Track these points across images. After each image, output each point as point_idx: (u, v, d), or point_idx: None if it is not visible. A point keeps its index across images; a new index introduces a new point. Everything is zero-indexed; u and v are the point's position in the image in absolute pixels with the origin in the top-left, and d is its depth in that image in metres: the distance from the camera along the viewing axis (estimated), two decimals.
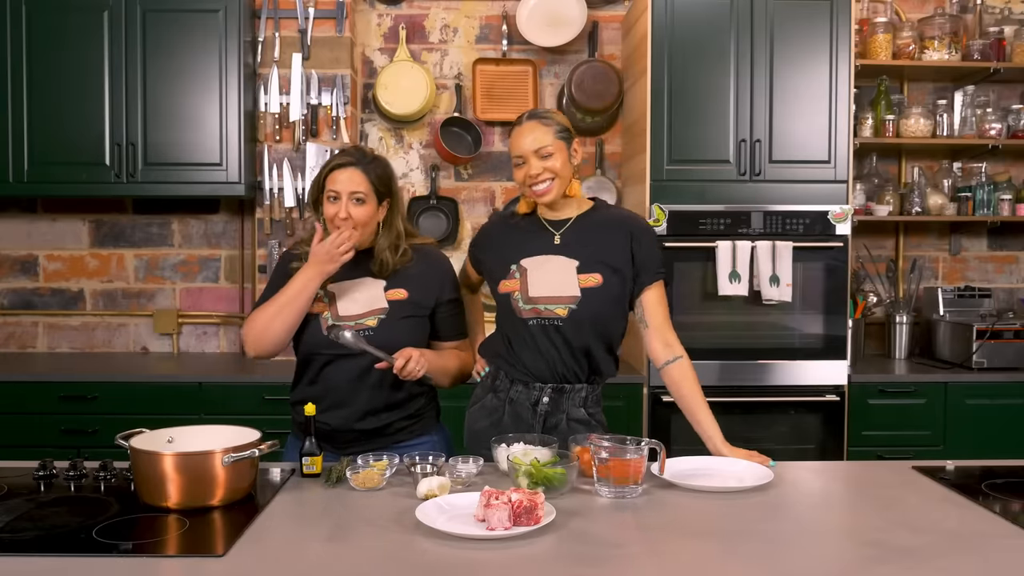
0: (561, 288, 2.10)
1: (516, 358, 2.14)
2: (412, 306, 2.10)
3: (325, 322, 2.07)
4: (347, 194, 2.04)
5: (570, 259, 2.12)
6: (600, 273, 2.11)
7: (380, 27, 3.93)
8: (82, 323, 3.94)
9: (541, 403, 2.13)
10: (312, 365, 2.11)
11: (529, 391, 2.14)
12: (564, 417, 2.13)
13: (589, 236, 2.14)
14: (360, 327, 2.05)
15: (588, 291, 2.09)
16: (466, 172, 3.96)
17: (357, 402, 2.07)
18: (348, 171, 2.05)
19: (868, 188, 3.83)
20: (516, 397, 2.15)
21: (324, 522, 1.64)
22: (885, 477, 1.97)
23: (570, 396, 2.13)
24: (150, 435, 1.81)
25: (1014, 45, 3.75)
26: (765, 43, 3.35)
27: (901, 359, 3.83)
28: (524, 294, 2.12)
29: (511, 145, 2.15)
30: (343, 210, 2.03)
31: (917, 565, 1.43)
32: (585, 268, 2.11)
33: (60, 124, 3.46)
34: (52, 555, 1.45)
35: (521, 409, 2.14)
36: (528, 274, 2.13)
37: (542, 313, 2.10)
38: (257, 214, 3.68)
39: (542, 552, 1.48)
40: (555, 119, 2.14)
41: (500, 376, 2.18)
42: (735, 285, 3.30)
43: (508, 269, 2.16)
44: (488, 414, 2.19)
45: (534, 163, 2.10)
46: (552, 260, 2.13)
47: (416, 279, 2.13)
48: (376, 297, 2.08)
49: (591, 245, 2.13)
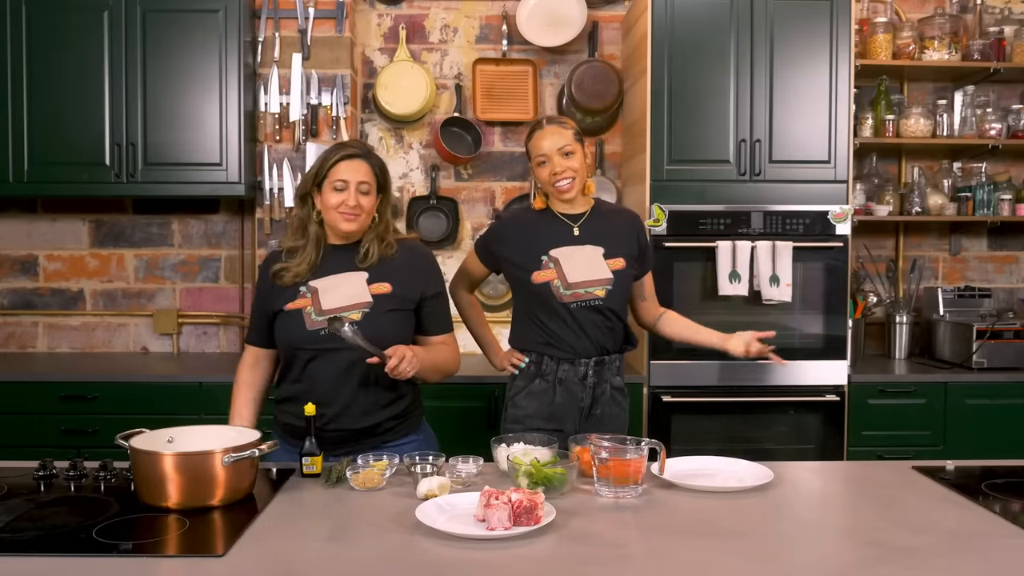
0: (596, 272, 2.38)
1: (559, 339, 2.39)
2: (397, 300, 2.10)
3: (308, 317, 2.06)
4: (355, 184, 2.06)
5: (595, 247, 2.40)
6: (623, 258, 2.42)
7: (380, 27, 3.93)
8: (82, 323, 3.94)
9: (588, 376, 2.39)
10: (296, 362, 2.10)
11: (575, 367, 2.39)
12: (608, 386, 2.43)
13: (603, 228, 2.44)
14: (344, 321, 2.04)
15: (618, 273, 2.40)
16: (466, 172, 3.96)
17: (343, 398, 2.06)
18: (355, 162, 2.08)
19: (868, 188, 3.83)
20: (565, 376, 2.40)
21: (324, 522, 1.64)
22: (885, 477, 1.97)
23: (609, 366, 2.43)
24: (150, 435, 1.81)
25: (1014, 45, 3.75)
26: (765, 43, 3.35)
27: (901, 359, 3.83)
28: (564, 281, 2.36)
29: (533, 147, 2.41)
30: (352, 198, 2.05)
31: (917, 565, 1.43)
32: (610, 255, 2.41)
33: (60, 124, 3.46)
34: (52, 555, 1.45)
35: (572, 385, 2.40)
36: (561, 263, 2.38)
37: (582, 296, 2.36)
38: (257, 214, 3.68)
39: (542, 552, 1.48)
40: (570, 124, 2.42)
41: (544, 361, 2.41)
42: (735, 285, 3.30)
43: (540, 260, 2.39)
44: (537, 398, 2.41)
45: (557, 161, 2.36)
46: (580, 250, 2.40)
47: (400, 272, 2.12)
48: (360, 291, 2.08)
49: (608, 235, 2.43)
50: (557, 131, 2.37)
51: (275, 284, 2.13)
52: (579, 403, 2.41)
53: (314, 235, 2.12)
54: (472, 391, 3.28)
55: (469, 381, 3.26)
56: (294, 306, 2.08)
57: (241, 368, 2.22)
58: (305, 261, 2.10)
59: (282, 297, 2.11)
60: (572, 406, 2.41)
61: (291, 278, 2.10)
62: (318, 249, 2.12)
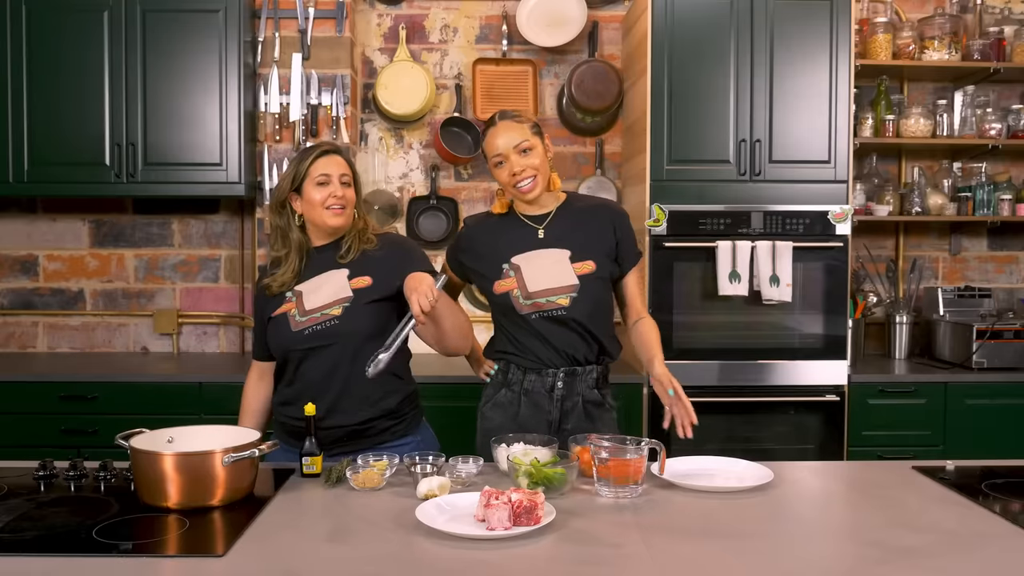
0: (559, 279, 2.16)
1: (525, 349, 2.20)
2: (378, 290, 2.11)
3: (292, 319, 2.10)
4: (338, 176, 2.10)
5: (561, 250, 2.18)
6: (593, 260, 2.18)
7: (380, 27, 3.93)
8: (82, 323, 3.94)
9: (556, 388, 2.19)
10: (289, 365, 2.14)
11: (543, 378, 2.20)
12: (580, 400, 2.21)
13: (572, 226, 2.21)
14: (326, 317, 2.07)
15: (585, 278, 2.17)
16: (466, 172, 3.95)
17: (331, 395, 2.07)
18: (333, 157, 2.14)
19: (868, 188, 3.83)
20: (531, 386, 2.21)
21: (324, 522, 1.64)
22: (885, 477, 1.97)
23: (583, 378, 2.20)
24: (150, 435, 1.81)
25: (1014, 45, 3.75)
26: (765, 43, 3.35)
27: (901, 359, 3.83)
28: (523, 290, 2.17)
29: (488, 146, 2.18)
30: (339, 190, 2.09)
31: (917, 565, 1.43)
32: (577, 257, 2.18)
33: (60, 124, 3.46)
34: (52, 555, 1.45)
35: (538, 397, 2.20)
36: (522, 270, 2.18)
37: (543, 306, 2.15)
38: (257, 214, 3.68)
39: (542, 552, 1.48)
40: (526, 116, 2.20)
41: (511, 369, 2.23)
42: (735, 285, 3.30)
43: (500, 269, 2.20)
44: (503, 409, 2.24)
45: (515, 160, 2.14)
46: (542, 254, 2.19)
47: (379, 263, 2.14)
48: (340, 287, 2.10)
49: (578, 234, 2.20)
50: (511, 127, 2.15)
51: (266, 296, 2.18)
52: (546, 416, 2.20)
53: (296, 242, 2.15)
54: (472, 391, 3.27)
55: (469, 381, 3.25)
56: (280, 311, 2.13)
57: (247, 384, 2.28)
58: (289, 269, 2.14)
59: (270, 305, 2.16)
60: (539, 419, 2.20)
61: (278, 287, 2.14)
62: (301, 255, 2.16)
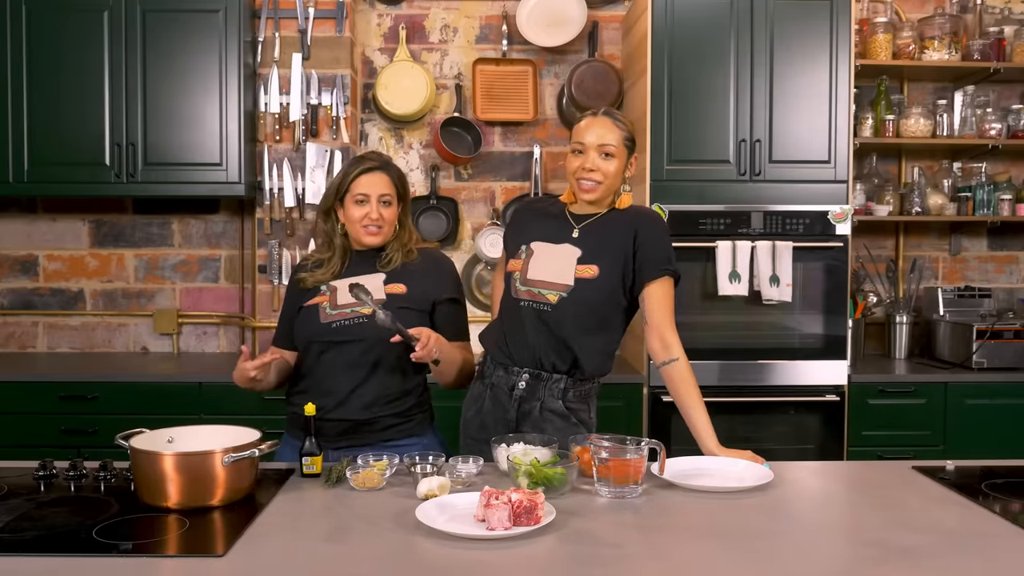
0: (557, 275, 2.12)
1: (504, 341, 2.17)
2: (409, 300, 2.12)
3: (323, 311, 2.10)
4: (376, 196, 2.10)
5: (576, 249, 2.14)
6: (598, 265, 2.11)
7: (380, 27, 3.93)
8: (82, 323, 3.94)
9: (517, 388, 2.15)
10: (309, 354, 2.14)
11: (508, 375, 2.16)
12: (539, 405, 2.14)
13: (603, 231, 2.16)
14: (356, 314, 2.07)
15: (582, 281, 2.10)
16: (466, 172, 3.95)
17: (347, 388, 2.08)
18: (376, 175, 2.12)
19: (868, 188, 3.83)
20: (497, 382, 2.18)
21: (324, 522, 1.64)
22: (885, 477, 1.97)
23: (547, 385, 2.14)
24: (150, 435, 1.81)
25: (1014, 45, 3.75)
26: (765, 43, 3.35)
27: (901, 359, 3.83)
28: (523, 274, 2.15)
29: (576, 132, 2.13)
30: (375, 211, 2.10)
31: (917, 565, 1.43)
32: (586, 259, 2.12)
33: (60, 124, 3.46)
34: (52, 555, 1.45)
35: (500, 393, 2.17)
36: (532, 256, 2.17)
37: (535, 296, 2.12)
38: (257, 214, 3.68)
39: (542, 552, 1.48)
40: (627, 125, 2.15)
41: (487, 361, 2.22)
42: (735, 285, 3.30)
43: (519, 248, 2.20)
44: (474, 401, 2.23)
45: (592, 157, 2.10)
46: (558, 248, 2.16)
47: (416, 276, 2.16)
48: (375, 288, 2.11)
49: (599, 239, 2.15)
50: (606, 124, 2.10)
51: (299, 287, 2.20)
52: (505, 414, 2.15)
53: (340, 247, 2.18)
54: None
55: None
56: (312, 303, 2.14)
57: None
58: (329, 272, 2.17)
59: (303, 297, 2.18)
60: (499, 417, 2.16)
61: (313, 282, 2.17)
62: (343, 260, 2.19)
